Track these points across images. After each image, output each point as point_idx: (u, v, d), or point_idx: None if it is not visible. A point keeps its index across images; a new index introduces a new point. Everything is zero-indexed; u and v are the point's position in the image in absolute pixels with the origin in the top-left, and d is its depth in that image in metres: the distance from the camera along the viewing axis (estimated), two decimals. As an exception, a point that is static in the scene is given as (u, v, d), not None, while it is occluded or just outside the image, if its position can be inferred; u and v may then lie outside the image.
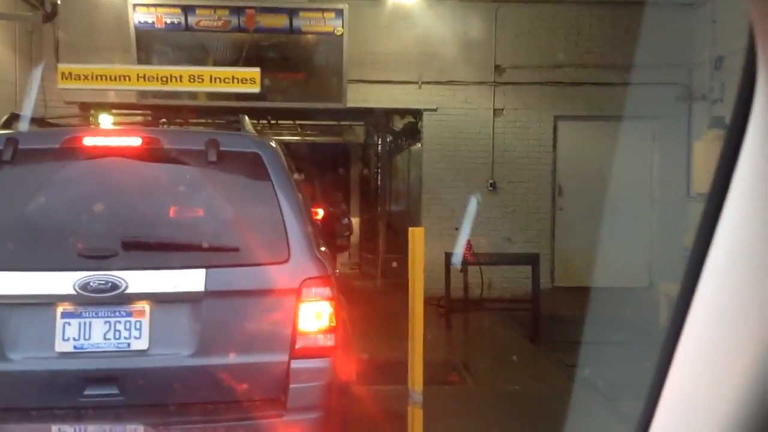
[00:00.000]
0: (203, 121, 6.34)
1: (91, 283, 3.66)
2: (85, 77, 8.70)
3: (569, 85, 11.66)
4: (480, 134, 11.76)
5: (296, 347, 3.81)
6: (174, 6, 10.67)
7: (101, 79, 8.70)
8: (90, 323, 3.71)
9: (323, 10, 10.80)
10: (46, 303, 3.69)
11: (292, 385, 3.78)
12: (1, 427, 3.66)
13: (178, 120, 6.44)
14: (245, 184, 4.12)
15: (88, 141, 4.04)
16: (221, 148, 3.99)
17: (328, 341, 3.89)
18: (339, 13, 10.74)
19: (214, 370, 3.75)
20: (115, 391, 3.68)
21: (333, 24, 10.77)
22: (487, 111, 11.75)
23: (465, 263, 9.94)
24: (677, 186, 11.72)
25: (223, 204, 4.04)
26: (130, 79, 8.77)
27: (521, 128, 11.79)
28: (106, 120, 9.71)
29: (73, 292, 3.65)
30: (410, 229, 5.83)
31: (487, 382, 7.39)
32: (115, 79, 8.74)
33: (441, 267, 9.90)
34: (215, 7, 10.65)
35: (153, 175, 4.09)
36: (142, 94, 10.86)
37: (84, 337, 3.70)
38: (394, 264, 12.37)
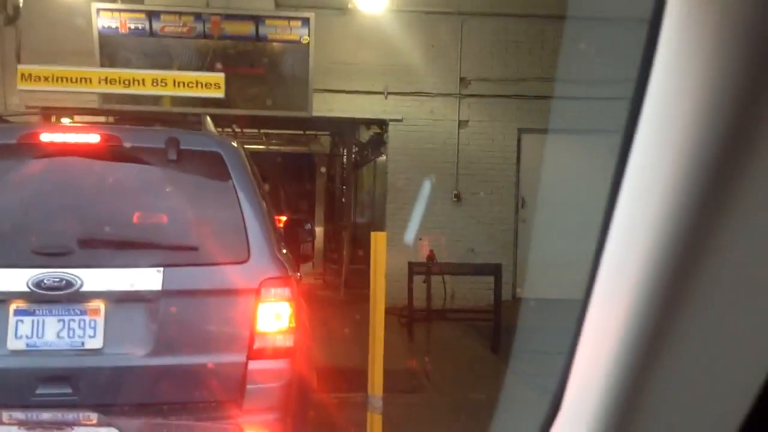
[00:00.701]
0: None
1: (45, 281, 3.60)
2: (46, 79, 8.60)
3: (533, 99, 11.77)
4: (445, 145, 11.81)
5: (254, 347, 3.74)
6: (138, 11, 10.59)
7: (62, 81, 8.60)
8: (43, 321, 3.65)
9: (289, 19, 10.80)
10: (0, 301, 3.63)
11: (249, 386, 3.71)
12: None
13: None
14: (205, 184, 4.06)
15: (45, 137, 3.96)
16: (181, 147, 3.93)
17: (287, 342, 3.82)
18: (305, 21, 10.74)
19: (170, 370, 3.69)
20: (68, 390, 3.60)
21: (299, 32, 10.76)
22: (453, 122, 11.81)
23: (427, 272, 9.95)
24: (637, 199, 11.84)
25: (182, 203, 3.98)
26: (92, 82, 8.68)
27: (486, 140, 11.87)
28: (65, 121, 9.62)
29: (27, 290, 3.60)
30: (372, 233, 5.84)
31: (448, 390, 7.39)
32: (77, 81, 8.64)
33: (404, 277, 9.89)
34: (180, 13, 10.60)
35: (111, 172, 4.02)
36: (105, 98, 10.74)
37: (37, 335, 3.64)
38: (361, 280, 12.36)
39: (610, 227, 1.05)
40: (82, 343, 3.66)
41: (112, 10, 10.55)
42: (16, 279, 3.61)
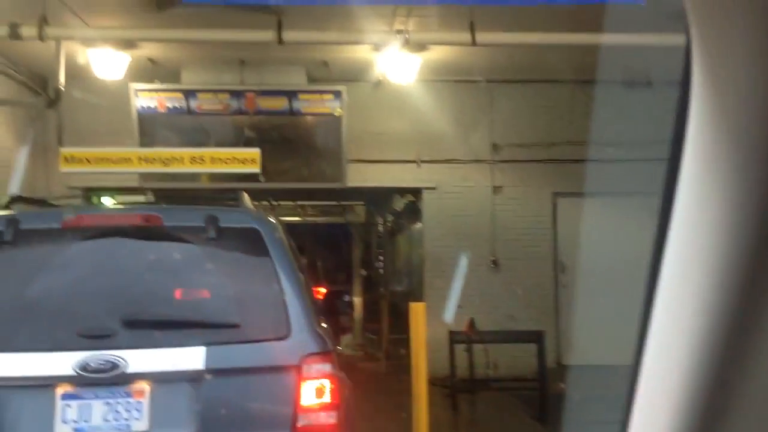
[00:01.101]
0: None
1: (91, 363, 3.62)
2: (87, 160, 8.78)
3: (566, 162, 11.74)
4: (480, 212, 11.77)
5: (298, 425, 3.73)
6: (176, 91, 10.84)
7: (103, 162, 8.77)
8: (90, 405, 3.67)
9: (322, 92, 10.97)
10: (45, 384, 3.65)
11: None
12: None
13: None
14: (245, 260, 4.13)
15: (89, 220, 4.13)
16: (220, 225, 4.01)
17: (331, 419, 3.80)
18: (337, 94, 10.90)
19: None
20: None
21: (331, 105, 10.92)
22: (486, 188, 11.80)
23: (468, 341, 9.81)
24: (680, 260, 11.65)
25: (222, 280, 4.05)
26: (131, 162, 8.85)
27: (521, 205, 11.82)
28: (107, 201, 9.76)
29: (73, 373, 3.61)
30: (411, 304, 5.80)
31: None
32: (117, 162, 8.81)
33: (445, 346, 9.76)
34: (216, 91, 10.82)
35: (153, 252, 4.15)
36: (145, 177, 10.94)
37: (84, 420, 3.65)
38: (402, 350, 12.23)
39: (656, 293, 1.03)
40: (129, 426, 3.67)
41: (150, 90, 10.81)
42: (62, 363, 3.63)
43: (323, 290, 7.30)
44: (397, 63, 9.77)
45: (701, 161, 0.92)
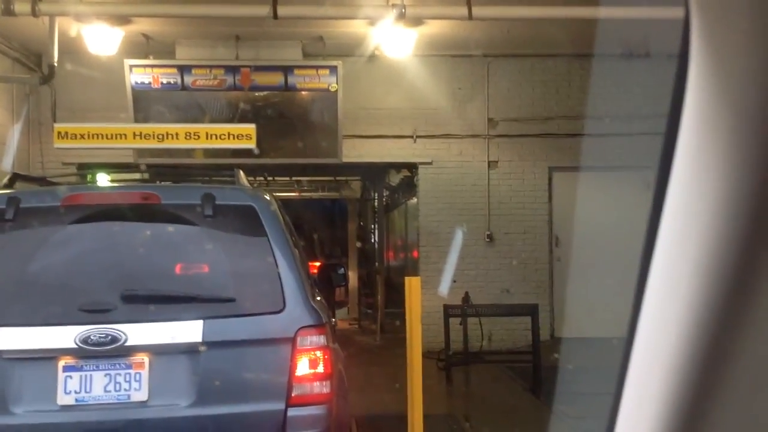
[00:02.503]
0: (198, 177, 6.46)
1: (92, 337, 3.72)
2: (82, 136, 8.77)
3: (563, 137, 11.76)
4: (475, 186, 11.80)
5: (292, 395, 3.83)
6: (170, 66, 10.79)
7: (98, 138, 8.75)
8: (91, 376, 3.77)
9: (317, 68, 10.94)
10: (48, 357, 3.76)
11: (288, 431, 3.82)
12: None
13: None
14: (241, 237, 4.23)
15: (88, 199, 4.23)
16: (217, 202, 4.07)
17: (324, 389, 3.91)
18: (333, 69, 10.86)
19: (212, 420, 3.81)
20: None
21: (327, 81, 10.89)
22: (482, 163, 11.82)
23: (463, 314, 9.88)
24: (674, 234, 11.71)
25: (219, 256, 4.15)
26: (126, 138, 8.83)
27: (516, 180, 11.85)
28: (103, 178, 9.77)
29: (74, 346, 3.71)
30: (407, 278, 5.84)
31: (488, 434, 7.29)
32: (112, 138, 8.80)
33: (440, 320, 9.84)
34: (211, 67, 10.78)
35: (151, 229, 4.24)
36: (140, 153, 10.92)
37: (85, 390, 3.76)
38: (397, 322, 12.32)
39: (651, 263, 1.03)
40: (128, 396, 3.78)
41: (144, 66, 10.76)
42: (64, 336, 3.73)
43: (317, 263, 7.42)
44: (393, 37, 9.74)
45: (699, 134, 0.94)
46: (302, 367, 3.87)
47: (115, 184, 5.41)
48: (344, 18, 8.97)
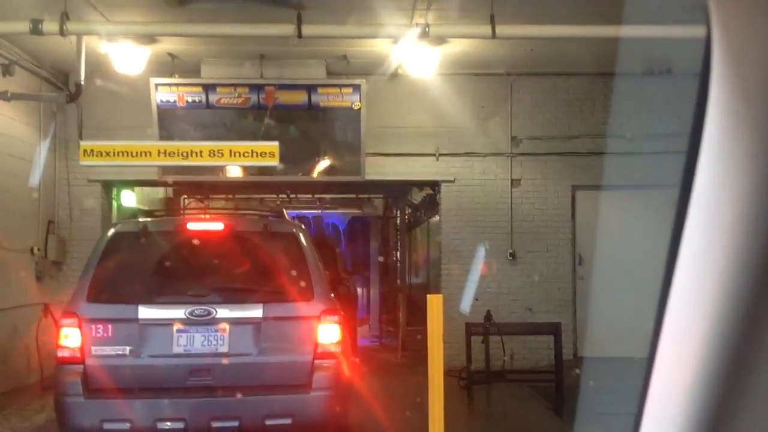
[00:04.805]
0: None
1: (194, 312, 5.95)
2: (107, 154, 8.86)
3: (586, 155, 11.73)
4: (498, 205, 11.79)
5: (317, 351, 6.01)
6: (195, 85, 10.91)
7: (123, 156, 8.84)
8: (193, 336, 5.97)
9: (341, 86, 11.00)
10: (167, 323, 5.97)
11: (314, 375, 5.98)
12: (138, 399, 5.82)
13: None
14: (285, 252, 6.37)
15: (190, 226, 6.64)
16: (271, 230, 6.52)
17: (336, 349, 6.09)
18: (356, 88, 10.93)
19: (268, 365, 6.01)
20: (208, 377, 5.94)
21: (350, 99, 10.95)
22: (505, 182, 11.81)
23: (485, 332, 9.83)
24: (700, 253, 11.59)
25: (272, 263, 6.35)
26: (151, 155, 8.91)
27: (539, 198, 11.82)
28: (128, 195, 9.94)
29: (184, 317, 5.94)
30: (429, 296, 5.83)
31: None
32: (137, 155, 8.88)
33: (462, 338, 9.80)
34: (235, 85, 10.88)
35: (230, 245, 6.45)
36: (164, 170, 11.02)
37: (190, 344, 5.96)
38: (419, 337, 12.27)
39: (673, 282, 1.05)
40: (216, 349, 5.96)
41: (169, 85, 10.88)
42: (178, 311, 5.96)
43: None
44: (417, 56, 9.78)
45: (719, 152, 0.94)
46: (323, 335, 6.03)
47: (207, 216, 7.71)
48: (368, 37, 9.02)
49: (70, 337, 5.87)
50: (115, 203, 12.39)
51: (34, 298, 10.64)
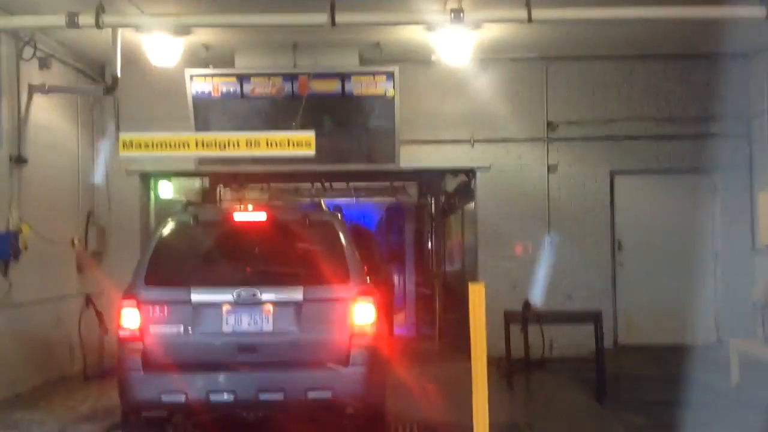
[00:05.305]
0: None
1: (241, 294, 6.47)
2: (146, 145, 8.89)
3: (624, 139, 11.55)
4: (535, 191, 11.66)
5: (354, 330, 6.51)
6: (230, 75, 10.92)
7: (161, 147, 8.87)
8: (241, 316, 6.50)
9: (374, 74, 10.93)
10: (218, 305, 6.49)
11: (351, 351, 6.47)
12: (192, 374, 6.36)
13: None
14: (324, 239, 6.87)
15: (236, 216, 7.11)
16: (310, 218, 7.00)
17: (372, 327, 6.57)
18: (390, 75, 10.86)
19: (310, 342, 6.51)
20: (255, 354, 6.45)
21: (384, 86, 10.89)
22: (542, 167, 11.68)
23: (524, 321, 9.72)
24: (741, 239, 11.41)
25: (312, 250, 6.83)
26: (189, 146, 8.92)
27: (577, 184, 11.67)
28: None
29: (232, 299, 6.47)
30: (470, 285, 5.74)
31: (554, 444, 7.16)
32: (175, 147, 8.89)
33: (500, 326, 9.70)
34: (269, 75, 10.86)
35: (273, 233, 6.94)
36: (201, 160, 11.07)
37: (237, 324, 6.50)
38: (455, 330, 12.21)
39: None
40: (261, 328, 6.50)
41: (204, 76, 10.90)
42: (227, 294, 6.47)
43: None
44: (451, 42, 9.66)
45: None
46: (358, 314, 6.54)
47: (251, 206, 7.81)
48: (402, 23, 8.92)
49: (130, 318, 6.48)
50: (152, 194, 12.48)
51: (75, 289, 10.79)
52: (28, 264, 9.25)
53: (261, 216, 7.00)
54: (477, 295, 5.67)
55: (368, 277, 7.01)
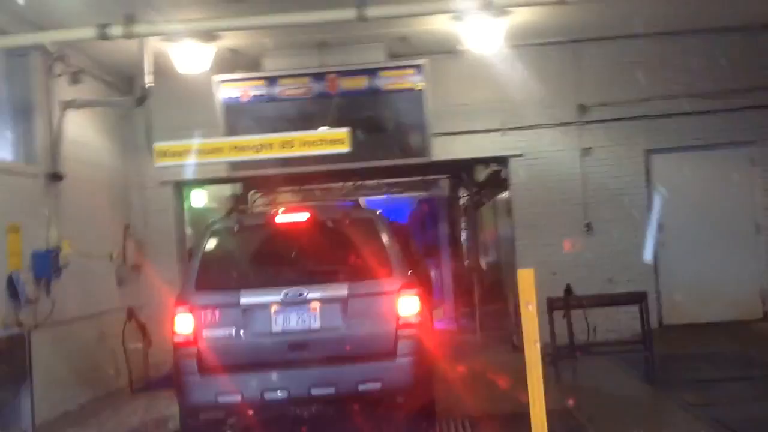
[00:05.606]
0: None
1: (289, 294, 6.64)
2: (180, 154, 8.91)
3: (658, 118, 11.40)
4: (570, 175, 11.55)
5: (399, 322, 6.64)
6: (258, 78, 10.93)
7: (196, 154, 8.88)
8: (289, 315, 6.67)
9: (402, 68, 10.90)
10: (266, 305, 6.67)
11: (399, 343, 6.60)
12: (246, 374, 6.56)
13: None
14: (366, 236, 7.04)
15: (279, 219, 7.31)
16: (351, 216, 7.35)
17: (416, 319, 6.71)
18: (418, 69, 10.82)
19: (357, 337, 6.64)
20: (304, 351, 6.61)
21: (413, 80, 10.85)
22: (575, 151, 11.56)
23: (567, 306, 9.63)
24: (784, 210, 11.26)
25: (355, 246, 7.00)
26: (223, 151, 8.93)
27: (612, 165, 11.54)
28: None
29: (280, 299, 6.65)
30: (519, 271, 5.67)
31: (612, 428, 7.07)
32: (210, 153, 8.90)
33: (543, 313, 9.58)
34: (297, 76, 10.86)
35: (317, 232, 7.08)
36: (233, 166, 11.08)
37: (286, 323, 6.67)
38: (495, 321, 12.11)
39: None
40: (309, 326, 6.66)
41: (233, 80, 10.92)
42: (275, 294, 6.66)
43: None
44: (479, 30, 9.58)
45: None
46: (403, 307, 6.67)
47: (292, 208, 8.34)
48: (432, 13, 8.81)
49: (184, 323, 6.68)
50: (186, 204, 12.51)
51: (116, 303, 10.83)
52: (69, 281, 9.27)
53: (302, 217, 7.17)
54: (527, 280, 5.60)
55: (410, 271, 7.12)
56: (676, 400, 7.75)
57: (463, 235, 16.27)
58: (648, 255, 11.27)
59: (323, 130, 9.15)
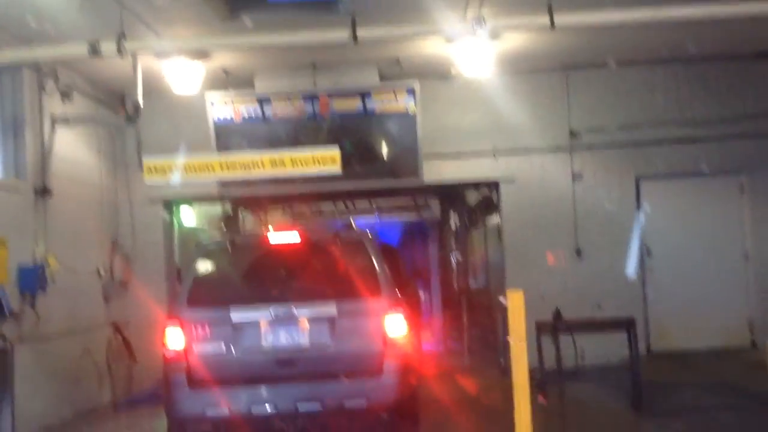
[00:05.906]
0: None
1: (278, 312, 6.86)
2: (170, 170, 8.89)
3: (648, 145, 11.46)
4: (560, 201, 11.57)
5: (386, 341, 6.86)
6: (250, 98, 10.92)
7: (186, 171, 8.86)
8: (278, 332, 6.88)
9: (395, 90, 10.93)
10: (256, 322, 6.88)
11: (385, 361, 6.81)
12: (234, 389, 6.73)
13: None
14: (356, 257, 7.24)
15: (271, 239, 7.52)
16: (342, 237, 7.57)
17: (403, 338, 6.94)
18: (411, 91, 10.85)
19: (344, 355, 6.82)
20: (293, 367, 6.82)
21: (405, 102, 10.88)
22: (566, 177, 11.59)
23: (555, 331, 9.59)
24: (773, 240, 11.30)
25: (345, 267, 7.17)
26: (213, 169, 8.93)
27: (602, 191, 11.55)
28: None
29: (270, 317, 6.86)
30: (508, 292, 5.67)
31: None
32: (200, 170, 8.90)
33: (531, 337, 9.55)
34: (290, 97, 10.87)
35: (307, 253, 7.37)
36: (223, 184, 11.05)
37: (275, 340, 6.89)
38: (482, 345, 12.06)
39: None
40: (298, 343, 6.88)
41: (225, 101, 10.91)
42: (264, 311, 6.88)
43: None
44: (471, 54, 9.62)
45: None
46: (390, 326, 6.87)
47: (283, 229, 8.33)
48: (424, 34, 8.82)
49: (175, 338, 6.90)
50: (175, 222, 12.47)
51: (102, 319, 10.76)
52: (55, 296, 9.21)
53: (294, 237, 7.39)
54: (516, 303, 5.60)
55: (398, 291, 7.33)
56: (663, 428, 7.72)
57: (453, 258, 16.26)
58: (636, 281, 11.27)
59: (314, 150, 9.14)
